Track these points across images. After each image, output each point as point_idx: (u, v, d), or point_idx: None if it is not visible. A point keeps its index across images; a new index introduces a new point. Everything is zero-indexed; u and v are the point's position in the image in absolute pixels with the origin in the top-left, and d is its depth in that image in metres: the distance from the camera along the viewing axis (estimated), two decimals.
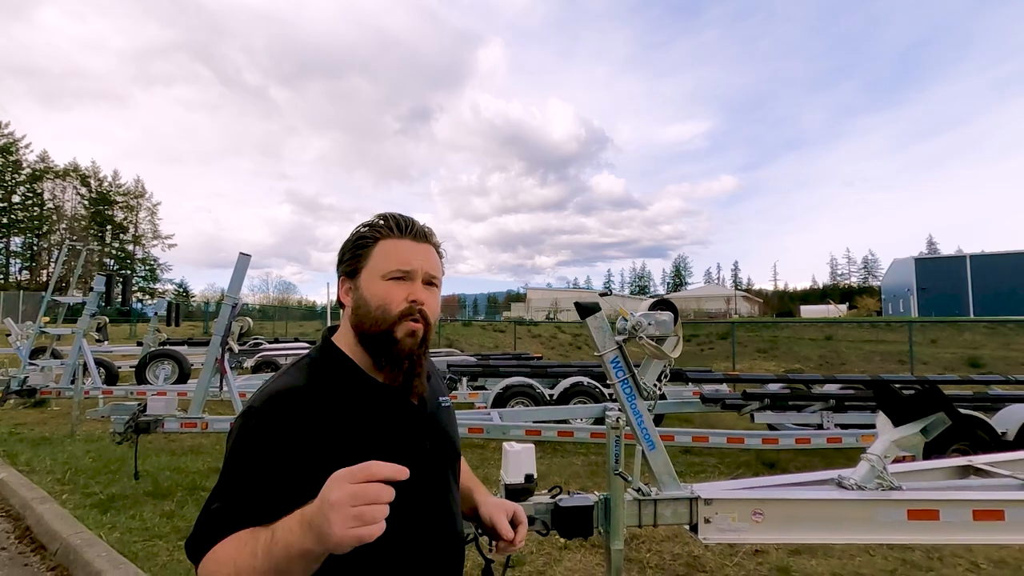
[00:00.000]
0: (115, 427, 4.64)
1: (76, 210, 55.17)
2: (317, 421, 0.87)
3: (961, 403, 4.91)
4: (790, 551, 3.49)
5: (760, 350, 24.86)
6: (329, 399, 0.90)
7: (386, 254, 0.95)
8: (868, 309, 61.32)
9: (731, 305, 65.51)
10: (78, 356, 7.44)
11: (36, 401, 8.40)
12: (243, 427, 0.87)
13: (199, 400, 4.96)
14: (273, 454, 0.83)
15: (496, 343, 26.55)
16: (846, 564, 3.31)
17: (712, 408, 5.59)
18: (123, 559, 3.06)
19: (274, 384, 0.93)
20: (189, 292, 61.19)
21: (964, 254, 48.80)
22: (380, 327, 0.93)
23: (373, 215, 1.01)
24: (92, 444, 6.11)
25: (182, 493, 4.39)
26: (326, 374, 0.94)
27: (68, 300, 9.04)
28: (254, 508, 0.80)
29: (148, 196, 59.99)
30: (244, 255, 4.80)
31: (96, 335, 8.96)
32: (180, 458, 5.55)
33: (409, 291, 0.94)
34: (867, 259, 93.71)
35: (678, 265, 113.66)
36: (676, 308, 2.30)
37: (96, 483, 4.64)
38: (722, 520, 2.24)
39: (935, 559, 3.39)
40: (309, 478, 0.80)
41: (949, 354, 20.84)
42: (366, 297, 0.94)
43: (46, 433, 6.76)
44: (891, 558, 3.40)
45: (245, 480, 0.82)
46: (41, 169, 52.64)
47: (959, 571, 3.22)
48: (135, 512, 3.96)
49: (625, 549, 3.52)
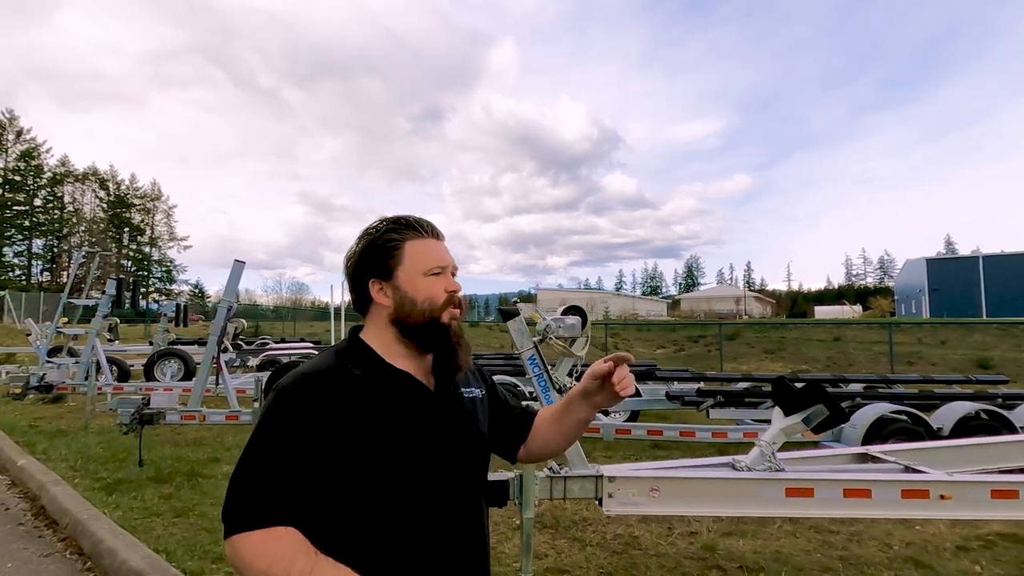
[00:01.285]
0: (121, 419, 5.10)
1: (95, 213, 56.65)
2: (342, 402, 0.94)
3: (908, 401, 5.21)
4: (722, 533, 3.83)
5: (767, 351, 24.94)
6: (354, 382, 0.97)
7: (419, 254, 1.05)
8: (882, 310, 60.78)
9: (740, 306, 65.25)
10: (91, 354, 7.97)
11: (54, 397, 8.96)
12: (273, 405, 0.94)
13: (197, 395, 5.42)
14: (301, 431, 0.90)
15: (502, 343, 26.90)
16: (769, 544, 3.65)
17: (676, 404, 5.92)
18: (123, 531, 3.50)
19: (304, 366, 1.00)
20: (204, 293, 62.45)
21: (977, 255, 48.26)
22: (429, 317, 1.03)
23: (379, 220, 1.10)
24: (104, 436, 6.60)
25: (180, 479, 4.84)
26: (352, 360, 1.02)
27: (82, 302, 9.60)
28: (288, 492, 0.88)
29: (164, 199, 61.51)
30: (239, 262, 5.24)
31: (108, 335, 9.52)
32: (183, 449, 6.01)
33: (446, 283, 1.06)
34: (883, 259, 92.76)
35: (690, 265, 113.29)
36: (585, 313, 2.67)
37: (104, 469, 5.11)
38: (623, 495, 2.61)
39: (854, 541, 3.71)
40: (334, 456, 0.91)
41: (958, 355, 20.78)
42: (411, 294, 1.03)
43: (62, 426, 7.28)
44: (813, 540, 3.73)
45: (277, 458, 0.90)
46: (62, 173, 54.17)
47: (871, 550, 3.54)
48: (137, 494, 4.41)
49: (573, 531, 3.91)
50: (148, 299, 55.67)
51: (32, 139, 51.78)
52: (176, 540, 3.47)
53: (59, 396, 9.01)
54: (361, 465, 0.92)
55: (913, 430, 4.51)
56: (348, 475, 0.92)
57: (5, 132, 49.64)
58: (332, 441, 0.90)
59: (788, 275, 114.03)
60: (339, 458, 0.90)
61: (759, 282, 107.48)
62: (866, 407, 4.79)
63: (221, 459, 5.55)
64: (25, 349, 13.11)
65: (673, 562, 3.38)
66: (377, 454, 0.93)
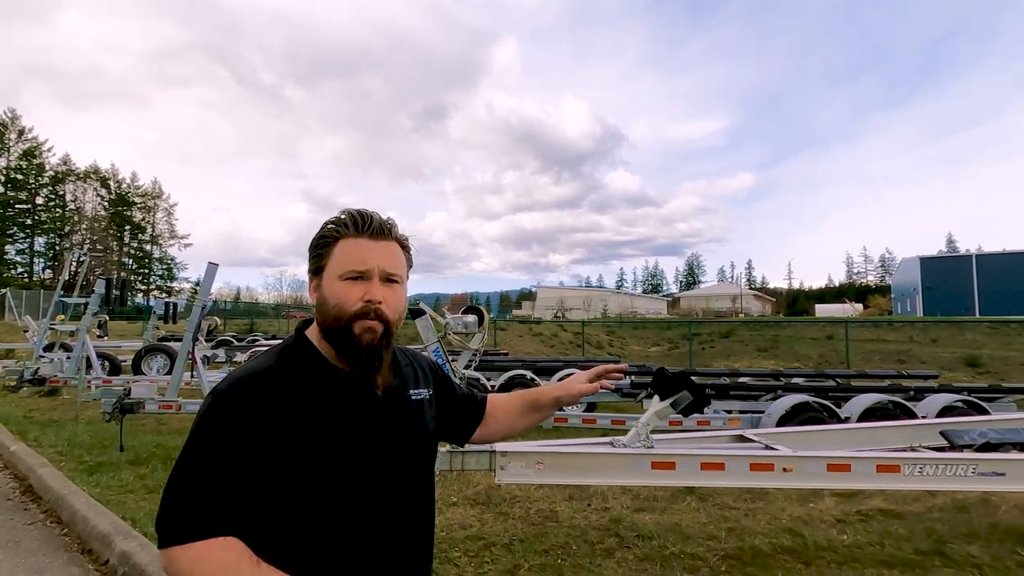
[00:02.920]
0: (104, 408, 5.57)
1: (96, 211, 57.21)
2: (280, 404, 0.91)
3: (832, 393, 5.66)
4: (634, 509, 4.29)
5: (761, 349, 25.38)
6: (293, 384, 0.95)
7: (343, 254, 0.99)
8: (880, 308, 61.13)
9: (736, 304, 65.60)
10: (82, 349, 8.45)
11: (49, 390, 9.45)
12: (209, 409, 0.91)
13: (175, 386, 5.89)
14: (238, 437, 0.88)
15: (497, 341, 27.42)
16: (671, 518, 4.09)
17: (617, 397, 6.38)
18: (97, 503, 3.96)
19: (242, 369, 0.98)
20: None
21: (970, 253, 48.55)
22: (338, 324, 0.97)
23: (339, 211, 1.04)
24: (92, 425, 7.07)
25: (157, 462, 5.30)
26: (294, 361, 0.99)
27: (74, 300, 10.10)
28: (227, 500, 0.87)
29: (165, 197, 62.11)
30: (212, 264, 5.70)
31: (97, 331, 10.01)
32: (164, 437, 6.48)
33: (365, 291, 0.97)
34: (884, 257, 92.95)
35: (691, 263, 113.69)
36: (482, 312, 3.11)
37: (88, 454, 5.58)
38: (514, 467, 3.06)
39: (748, 516, 4.15)
40: (272, 461, 0.89)
41: (948, 353, 21.09)
42: (326, 296, 0.98)
43: (55, 417, 7.76)
44: (713, 514, 4.18)
45: (214, 465, 0.87)
46: (63, 171, 54.75)
47: (759, 523, 3.98)
48: (115, 475, 4.88)
49: (503, 507, 4.37)
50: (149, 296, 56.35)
51: (34, 138, 52.41)
52: (144, 511, 3.93)
53: (54, 389, 9.50)
54: (300, 470, 0.90)
55: (821, 418, 4.95)
56: (287, 480, 0.90)
57: (7, 131, 50.23)
58: (270, 446, 0.89)
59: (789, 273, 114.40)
60: (278, 463, 0.89)
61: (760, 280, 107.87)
62: (783, 398, 5.24)
63: None
64: (24, 345, 13.62)
65: (580, 532, 3.83)
66: (317, 459, 0.91)
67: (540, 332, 31.20)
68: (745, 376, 6.98)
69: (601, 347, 29.47)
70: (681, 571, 3.22)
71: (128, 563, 2.99)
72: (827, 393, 5.75)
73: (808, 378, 6.86)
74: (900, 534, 3.75)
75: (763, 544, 3.57)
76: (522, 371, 7.80)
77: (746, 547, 3.53)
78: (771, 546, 3.54)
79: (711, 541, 3.65)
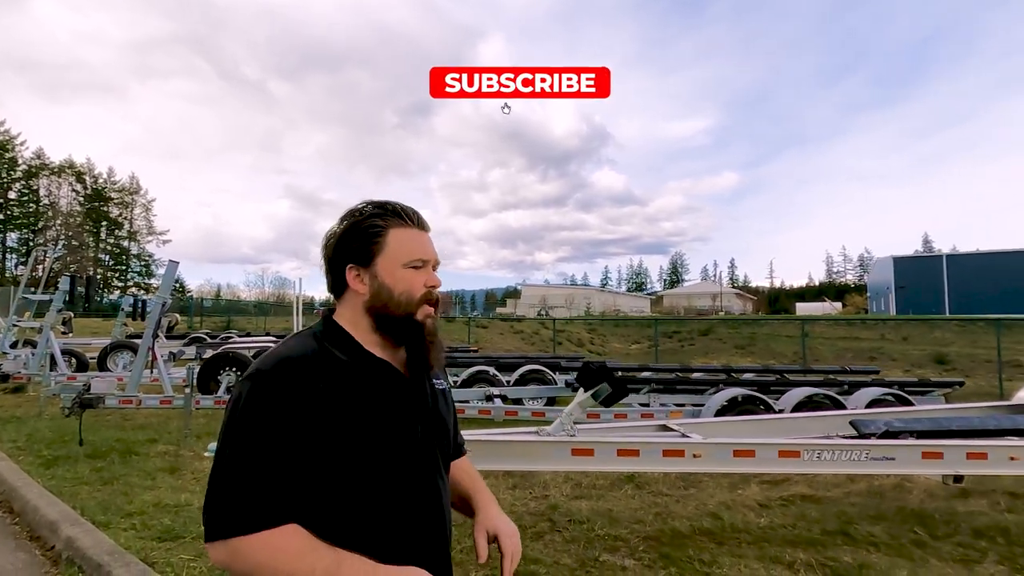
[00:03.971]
0: (64, 403, 5.65)
1: (72, 206, 56.17)
2: (322, 387, 0.90)
3: (766, 388, 5.95)
4: (572, 496, 4.51)
5: (738, 346, 25.88)
6: (338, 368, 0.94)
7: (402, 243, 1.01)
8: (856, 307, 62.45)
9: (716, 302, 66.53)
10: (46, 346, 8.47)
11: (15, 387, 9.43)
12: (257, 391, 0.88)
13: (134, 381, 5.98)
14: (287, 419, 0.86)
15: (477, 338, 27.56)
16: (605, 504, 4.32)
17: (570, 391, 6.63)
18: (48, 493, 4.08)
19: (283, 349, 0.96)
20: (185, 287, 62.25)
21: (940, 254, 49.82)
22: (405, 312, 0.99)
23: (363, 202, 1.05)
24: (55, 421, 7.10)
25: (115, 455, 5.40)
26: (334, 346, 0.98)
27: (37, 297, 10.08)
28: (286, 485, 0.85)
29: (143, 193, 61.05)
30: (173, 262, 5.81)
31: (62, 328, 10.01)
32: (127, 432, 6.55)
33: (426, 278, 1.02)
34: (863, 257, 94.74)
35: (675, 262, 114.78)
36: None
37: (48, 449, 5.65)
38: None
39: (679, 502, 4.40)
40: (318, 443, 0.88)
41: (918, 351, 21.66)
42: (388, 284, 0.99)
43: (18, 413, 7.77)
44: (645, 500, 4.42)
45: (268, 449, 0.85)
46: (37, 166, 53.66)
47: (687, 508, 4.23)
48: (71, 467, 4.97)
49: None
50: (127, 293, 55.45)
51: (6, 131, 51.32)
52: (95, 501, 4.06)
53: (20, 386, 9.49)
54: (345, 453, 0.90)
55: (756, 410, 5.22)
56: (333, 463, 0.89)
57: None
58: (318, 429, 0.88)
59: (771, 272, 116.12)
60: (324, 447, 0.89)
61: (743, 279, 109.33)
62: (721, 392, 5.51)
63: (159, 440, 6.12)
64: None
65: (517, 517, 4.03)
66: (361, 442, 0.92)
67: (521, 330, 31.41)
68: (698, 371, 7.25)
69: (582, 344, 29.79)
70: (602, 551, 3.44)
71: (72, 547, 3.12)
72: (768, 387, 6.04)
73: (757, 373, 7.16)
74: (813, 517, 4.01)
75: (683, 527, 3.81)
76: (485, 367, 8.02)
77: (667, 529, 3.77)
78: (690, 528, 3.79)
79: (637, 524, 3.88)
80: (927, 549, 3.46)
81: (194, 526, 3.56)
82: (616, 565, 3.24)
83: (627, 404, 6.40)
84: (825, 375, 6.69)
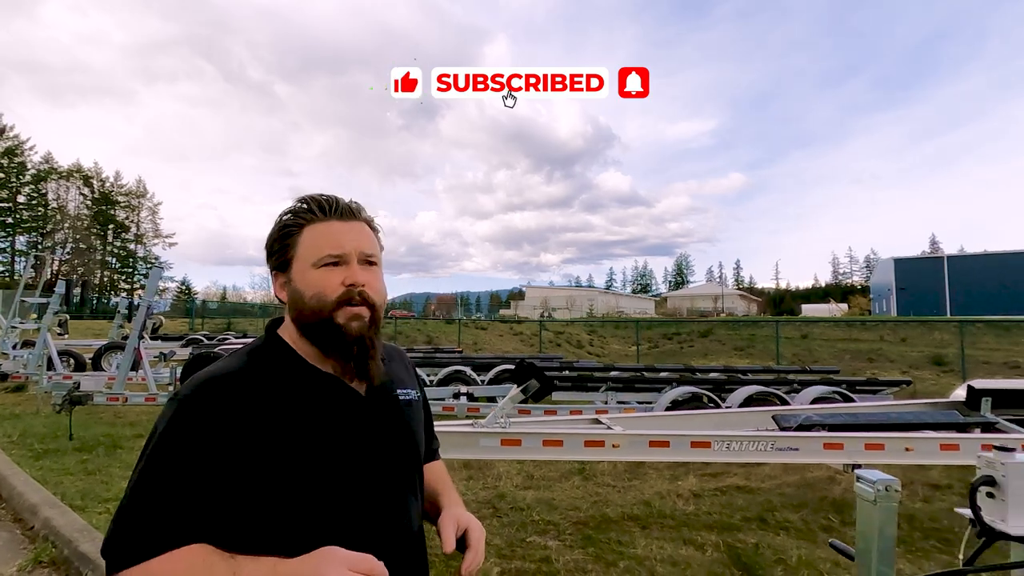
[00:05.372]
0: (55, 400, 6.02)
1: (79, 210, 57.05)
2: (252, 408, 0.84)
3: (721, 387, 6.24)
4: (521, 487, 4.82)
5: (737, 348, 26.10)
6: (267, 386, 0.87)
7: (314, 240, 0.91)
8: (861, 308, 62.36)
9: (718, 303, 66.61)
10: (43, 347, 8.87)
11: (16, 386, 9.85)
12: (172, 416, 0.83)
13: (121, 380, 6.35)
14: (203, 443, 0.80)
15: (475, 339, 27.90)
16: (549, 493, 4.63)
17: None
18: (33, 481, 4.44)
19: (207, 370, 0.89)
20: (191, 289, 63.05)
21: (942, 255, 49.77)
22: (319, 316, 0.90)
23: (295, 199, 0.96)
24: (51, 419, 7.47)
25: (101, 449, 5.76)
26: (266, 362, 0.91)
27: (35, 300, 10.51)
28: (192, 511, 0.78)
29: (149, 196, 61.95)
30: (157, 267, 6.20)
31: (58, 329, 10.43)
32: (116, 428, 6.92)
33: (345, 275, 0.90)
34: (869, 258, 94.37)
35: (680, 263, 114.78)
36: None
37: (39, 443, 6.02)
38: None
39: (621, 492, 4.70)
40: (242, 470, 0.81)
41: (916, 352, 21.77)
42: (300, 289, 0.91)
43: (16, 411, 8.16)
44: (589, 491, 4.72)
45: (172, 474, 0.79)
46: (45, 170, 54.54)
47: (625, 497, 4.53)
48: (59, 459, 5.34)
49: None
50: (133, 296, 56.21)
51: (15, 136, 52.23)
52: (76, 489, 4.41)
53: (21, 386, 9.91)
54: (279, 477, 0.83)
55: (702, 406, 5.52)
56: (265, 488, 0.83)
57: None
58: (242, 452, 0.81)
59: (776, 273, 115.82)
60: (252, 471, 0.82)
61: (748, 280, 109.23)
62: (672, 390, 5.81)
63: (145, 435, 6.48)
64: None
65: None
66: (297, 465, 0.84)
67: (521, 332, 31.69)
68: (665, 371, 7.55)
69: (581, 346, 30.07)
70: (533, 534, 3.75)
71: (48, 526, 3.47)
72: (723, 386, 6.32)
73: (720, 373, 7.44)
74: (739, 505, 4.31)
75: (615, 513, 4.12)
76: (462, 367, 8.34)
77: (599, 515, 4.08)
78: (621, 515, 4.09)
79: (572, 511, 4.19)
80: (832, 533, 3.75)
81: None
82: (540, 545, 3.55)
83: (589, 402, 6.72)
84: (779, 375, 6.96)
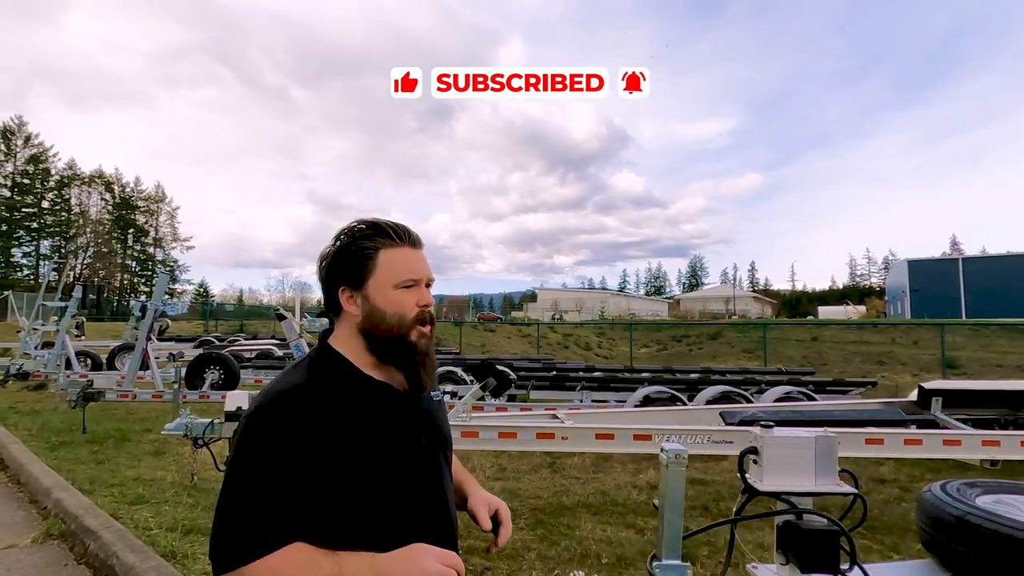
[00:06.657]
0: (69, 396, 6.52)
1: (100, 214, 58.64)
2: (322, 417, 0.93)
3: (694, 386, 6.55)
4: (493, 478, 5.17)
5: (746, 350, 26.20)
6: (331, 396, 0.96)
7: (393, 264, 1.02)
8: (876, 310, 61.67)
9: (729, 306, 66.28)
10: (62, 348, 9.44)
11: (36, 385, 10.46)
12: (255, 427, 0.92)
13: (131, 378, 6.85)
14: (291, 452, 0.90)
15: (483, 342, 28.31)
16: (516, 484, 4.97)
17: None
18: (48, 468, 4.91)
19: (278, 384, 0.99)
20: (209, 292, 64.43)
21: (957, 256, 49.13)
22: (397, 333, 1.01)
23: (355, 221, 1.07)
24: (67, 414, 8.00)
25: (111, 441, 6.25)
26: (326, 373, 1.00)
27: (55, 304, 11.13)
28: (288, 513, 0.89)
29: (168, 201, 63.42)
30: (164, 273, 6.71)
31: (75, 331, 11.04)
32: (127, 423, 7.43)
33: (418, 297, 1.03)
34: (887, 259, 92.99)
35: (694, 265, 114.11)
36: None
37: (56, 436, 6.53)
38: None
39: (584, 483, 5.04)
40: (322, 474, 0.91)
41: (928, 355, 21.68)
42: (380, 306, 1.01)
43: (37, 408, 8.72)
44: (556, 482, 5.06)
45: (268, 481, 0.89)
46: (69, 176, 56.19)
47: (587, 488, 4.87)
48: (72, 450, 5.83)
49: None
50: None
51: (40, 143, 53.91)
52: (86, 475, 4.87)
53: (41, 384, 10.51)
54: (350, 473, 0.93)
55: (671, 404, 5.84)
56: (339, 483, 0.92)
57: (14, 137, 51.70)
58: (318, 458, 0.91)
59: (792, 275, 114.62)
60: (327, 475, 0.91)
61: (763, 282, 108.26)
62: (644, 388, 6.14)
63: (152, 429, 6.96)
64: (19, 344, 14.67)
65: None
66: (364, 460, 0.95)
67: (529, 334, 31.97)
68: (645, 372, 7.87)
69: (589, 348, 30.35)
70: None
71: (59, 506, 3.92)
72: (696, 385, 6.63)
73: (698, 373, 7.74)
74: (690, 496, 4.61)
75: (571, 502, 4.47)
76: (453, 367, 8.72)
77: (556, 503, 4.43)
78: (575, 503, 4.44)
79: (532, 499, 4.54)
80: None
81: (161, 494, 4.34)
82: None
83: (568, 401, 7.07)
84: (750, 376, 7.24)
